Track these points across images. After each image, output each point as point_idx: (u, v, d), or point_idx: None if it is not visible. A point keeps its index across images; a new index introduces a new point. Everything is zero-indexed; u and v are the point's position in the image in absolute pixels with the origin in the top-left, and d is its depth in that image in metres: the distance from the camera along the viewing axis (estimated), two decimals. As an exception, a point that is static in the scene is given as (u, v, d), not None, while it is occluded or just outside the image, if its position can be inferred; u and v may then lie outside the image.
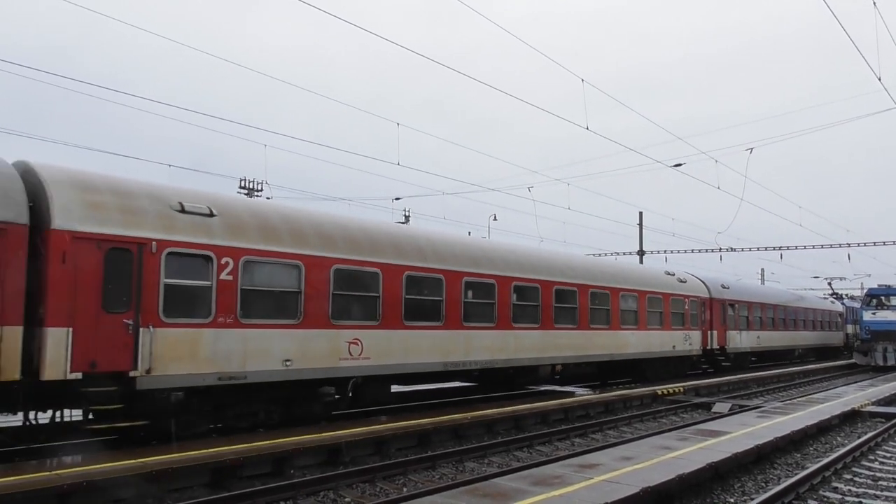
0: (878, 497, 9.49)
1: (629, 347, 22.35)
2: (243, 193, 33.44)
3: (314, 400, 13.32)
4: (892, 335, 35.02)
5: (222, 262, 11.60)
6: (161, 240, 10.87)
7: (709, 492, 9.48)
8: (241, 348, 11.71)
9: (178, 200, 11.45)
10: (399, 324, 14.55)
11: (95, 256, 10.16)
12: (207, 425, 11.76)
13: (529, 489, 7.92)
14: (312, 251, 13.05)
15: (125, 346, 10.31)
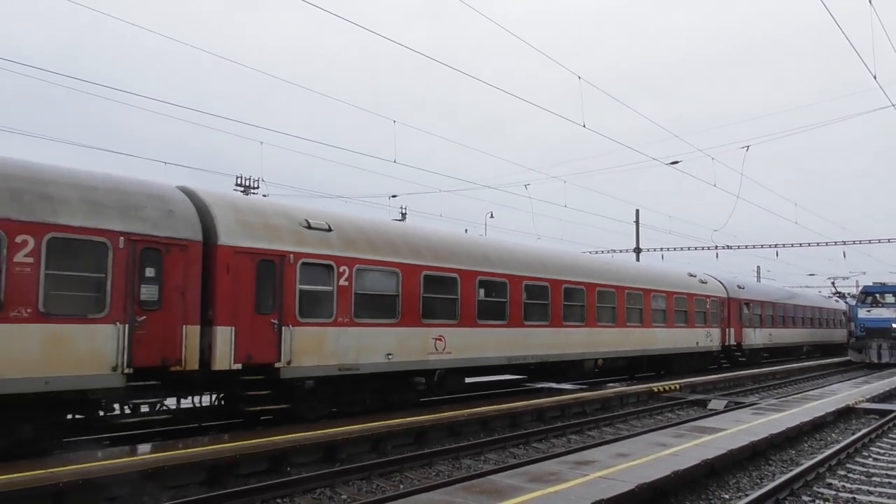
0: (872, 493, 9.54)
1: (658, 343, 24.42)
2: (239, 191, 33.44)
3: (408, 389, 15.52)
4: (886, 332, 35.15)
5: (340, 271, 13.73)
6: (296, 252, 13.01)
7: (704, 488, 9.52)
8: (355, 344, 13.83)
9: (305, 218, 13.65)
10: (473, 322, 16.63)
11: (250, 267, 12.26)
12: (328, 410, 13.82)
13: (525, 486, 7.95)
14: (406, 260, 15.12)
15: (271, 342, 12.44)
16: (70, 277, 10.12)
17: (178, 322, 11.19)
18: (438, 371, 15.86)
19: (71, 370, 9.96)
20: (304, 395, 13.21)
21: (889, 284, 39.15)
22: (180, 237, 11.37)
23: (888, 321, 35.43)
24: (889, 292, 37.21)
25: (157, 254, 11.08)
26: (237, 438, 11.06)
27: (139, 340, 10.68)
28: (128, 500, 8.82)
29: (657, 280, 25.17)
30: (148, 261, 10.97)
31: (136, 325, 10.71)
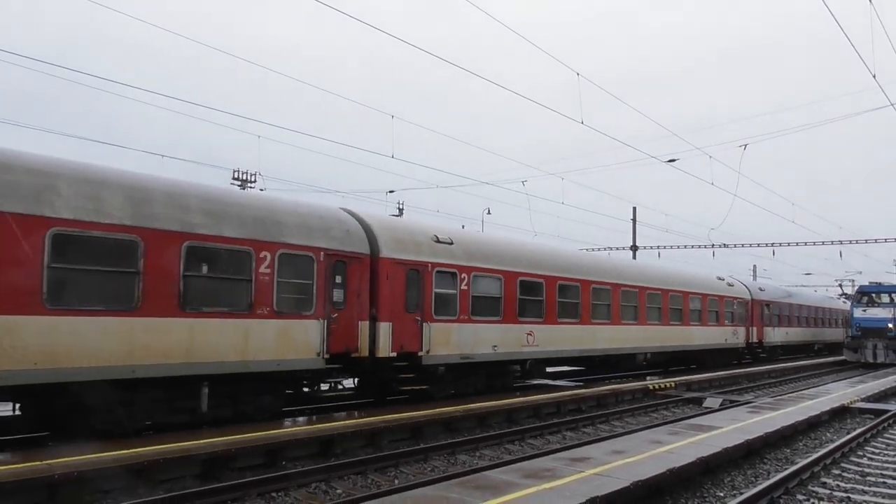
0: (866, 492, 9.56)
1: (694, 340, 27.70)
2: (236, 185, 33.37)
3: (507, 374, 18.64)
4: (882, 332, 35.21)
5: (461, 277, 16.62)
6: (432, 262, 15.92)
7: (699, 486, 9.53)
8: (472, 337, 16.74)
9: (434, 234, 16.48)
10: (555, 320, 19.49)
11: (402, 275, 15.14)
12: (451, 391, 16.68)
13: (520, 482, 7.95)
14: (507, 267, 18.03)
15: (416, 335, 15.36)
16: (291, 284, 12.98)
17: (356, 318, 14.21)
18: (529, 360, 19.04)
19: (293, 355, 12.90)
20: (437, 378, 16.20)
21: (885, 284, 39.26)
22: (357, 251, 14.32)
23: (884, 321, 35.49)
24: (885, 292, 37.29)
25: (343, 265, 14.01)
26: (232, 432, 11.05)
27: (332, 332, 13.58)
28: (122, 493, 8.81)
29: (693, 283, 28.42)
30: (337, 270, 13.88)
31: (331, 321, 13.57)
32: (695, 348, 28.01)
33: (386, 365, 14.88)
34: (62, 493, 8.26)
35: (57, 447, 9.78)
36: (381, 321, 14.59)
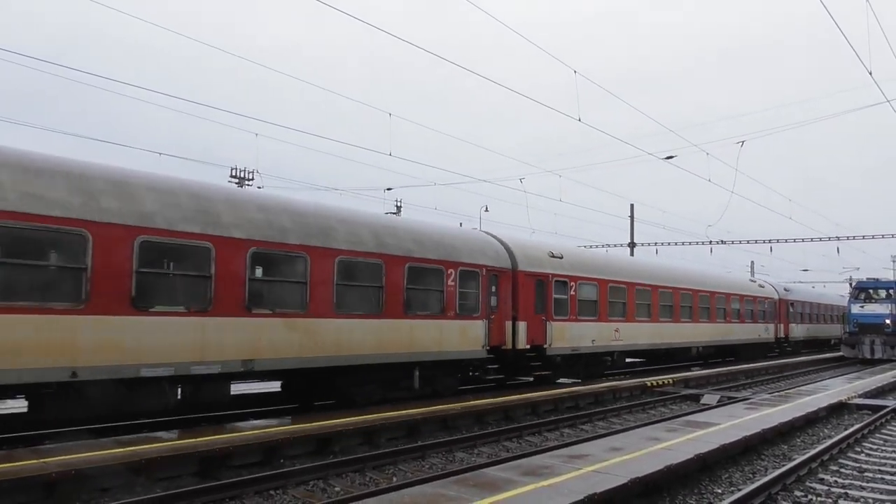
0: (864, 489, 9.56)
1: (734, 335, 32.18)
2: (234, 183, 33.31)
3: (601, 364, 22.72)
4: (879, 328, 35.26)
5: (571, 285, 20.69)
6: (552, 273, 19.97)
7: (697, 482, 9.53)
8: (578, 333, 20.82)
9: (549, 251, 20.56)
10: (633, 319, 23.79)
11: (532, 284, 19.16)
12: (564, 376, 20.89)
13: (518, 479, 7.94)
14: (602, 276, 22.39)
15: (542, 331, 19.36)
16: (466, 293, 16.93)
17: (504, 319, 18.17)
18: (616, 352, 23.33)
19: (468, 347, 16.90)
20: (556, 366, 20.21)
21: (882, 280, 39.35)
22: (504, 267, 18.32)
23: (881, 317, 35.55)
24: (882, 288, 37.37)
25: (496, 277, 18.00)
26: (230, 430, 11.04)
27: (490, 330, 17.47)
28: (120, 491, 8.80)
29: (733, 286, 33.06)
30: (492, 282, 17.83)
31: (490, 321, 17.48)
32: (735, 343, 32.59)
33: (522, 355, 18.83)
34: (59, 491, 8.24)
35: (54, 445, 9.79)
36: (520, 321, 18.60)
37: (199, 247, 11.48)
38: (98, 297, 10.08)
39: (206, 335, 11.43)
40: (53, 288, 9.90)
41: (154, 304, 10.92)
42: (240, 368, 11.92)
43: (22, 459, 8.56)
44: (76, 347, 9.89)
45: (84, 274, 9.97)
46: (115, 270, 10.31)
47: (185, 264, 11.50)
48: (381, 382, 15.16)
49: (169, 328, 11.00)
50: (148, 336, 10.68)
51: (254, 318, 12.15)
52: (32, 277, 9.76)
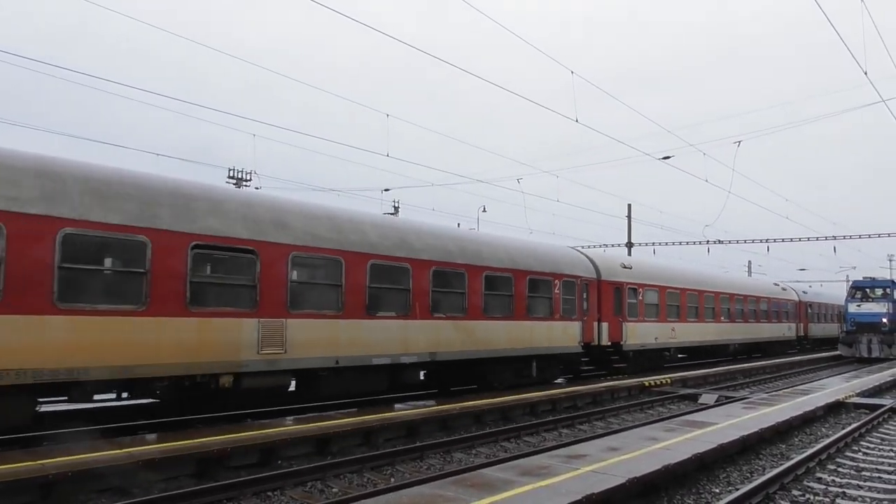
0: (862, 488, 9.57)
1: (763, 333, 36.49)
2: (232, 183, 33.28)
3: (661, 358, 26.99)
4: (876, 327, 35.32)
5: (639, 291, 24.73)
6: (625, 282, 23.89)
7: (695, 482, 9.54)
8: (645, 332, 24.91)
9: (621, 263, 24.71)
10: (685, 319, 27.92)
11: (611, 291, 23.01)
12: (636, 369, 24.19)
13: (516, 479, 7.94)
14: (662, 283, 26.46)
15: (619, 330, 23.19)
16: (566, 299, 20.59)
17: (592, 320, 21.88)
18: (672, 348, 27.80)
19: (569, 343, 20.71)
20: (630, 360, 24.00)
21: (879, 279, 39.38)
22: (592, 277, 22.14)
23: (878, 315, 35.60)
24: (879, 287, 37.41)
25: (587, 286, 21.67)
26: (227, 431, 11.03)
27: (583, 329, 21.22)
28: (117, 492, 8.79)
29: (762, 290, 37.62)
30: (584, 289, 21.54)
31: (584, 322, 21.22)
32: (764, 340, 36.81)
33: (604, 350, 22.73)
34: (57, 492, 8.23)
35: (52, 447, 9.78)
36: (603, 322, 22.43)
37: (402, 267, 15.43)
38: (348, 306, 14.04)
39: (408, 334, 15.35)
40: (326, 299, 13.77)
41: (378, 311, 14.70)
42: (427, 359, 15.88)
43: (19, 461, 8.54)
44: (338, 343, 13.86)
45: (341, 290, 13.93)
46: (357, 287, 14.22)
47: (395, 280, 15.27)
48: (510, 371, 18.85)
49: (387, 328, 14.93)
50: (376, 334, 14.58)
51: (435, 320, 16.03)
52: (321, 294, 13.75)
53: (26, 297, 9.57)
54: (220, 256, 12.18)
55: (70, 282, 10.06)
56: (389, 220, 17.03)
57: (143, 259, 10.87)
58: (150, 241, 10.94)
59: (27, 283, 9.61)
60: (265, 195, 15.03)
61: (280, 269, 12.83)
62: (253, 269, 12.42)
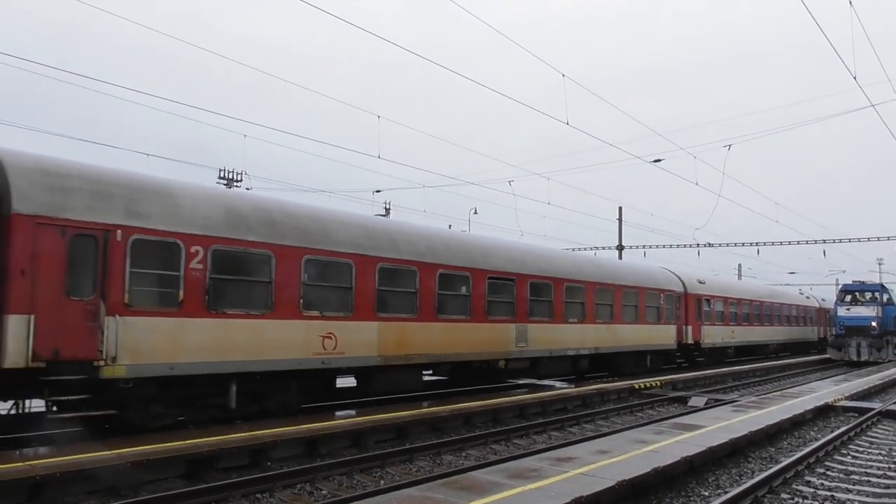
0: (851, 491, 9.61)
1: (795, 335, 43.14)
2: (222, 184, 33.17)
3: (725, 355, 33.27)
4: (865, 330, 35.52)
5: (712, 301, 30.93)
6: (702, 294, 30.19)
7: (684, 485, 9.56)
8: (715, 333, 31.16)
9: (698, 279, 30.74)
10: (740, 323, 34.42)
11: (694, 301, 29.33)
12: (711, 363, 30.18)
13: (506, 482, 7.94)
14: (725, 294, 32.98)
15: (699, 332, 29.55)
16: (667, 308, 26.54)
17: (682, 324, 27.82)
18: (732, 347, 33.80)
19: (669, 342, 26.90)
20: (707, 355, 30.34)
21: (868, 283, 39.60)
22: (681, 291, 28.20)
23: (867, 319, 35.80)
24: (868, 290, 37.62)
25: (678, 298, 27.80)
26: (217, 433, 10.99)
27: (677, 331, 27.35)
28: (106, 493, 8.74)
29: (793, 298, 45.12)
30: (677, 301, 27.73)
31: (677, 326, 27.23)
32: (795, 341, 43.09)
33: (689, 348, 28.81)
34: (45, 493, 8.19)
35: (40, 448, 9.72)
36: (688, 325, 28.55)
37: (580, 288, 21.72)
38: (556, 315, 20.47)
39: (584, 334, 21.70)
40: (545, 312, 20.02)
41: (568, 318, 21.02)
42: (594, 352, 22.10)
43: (8, 461, 8.50)
44: (550, 340, 20.25)
45: (551, 305, 20.33)
46: (560, 303, 20.72)
47: (576, 296, 21.48)
48: (632, 362, 24.79)
49: (573, 330, 21.18)
50: (568, 334, 20.93)
51: (597, 324, 22.31)
52: (544, 307, 20.06)
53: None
54: (502, 284, 18.53)
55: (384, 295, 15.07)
56: (503, 243, 21.03)
57: (467, 285, 17.49)
58: (470, 275, 17.47)
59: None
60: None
61: (522, 290, 19.25)
62: (512, 290, 18.81)
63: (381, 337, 14.67)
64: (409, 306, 15.52)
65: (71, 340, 10.00)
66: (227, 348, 11.94)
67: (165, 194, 11.76)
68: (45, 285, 9.85)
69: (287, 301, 12.84)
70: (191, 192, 12.38)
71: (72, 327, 10.05)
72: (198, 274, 11.64)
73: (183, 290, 11.45)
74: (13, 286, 9.57)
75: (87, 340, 10.17)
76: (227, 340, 11.94)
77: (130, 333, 10.66)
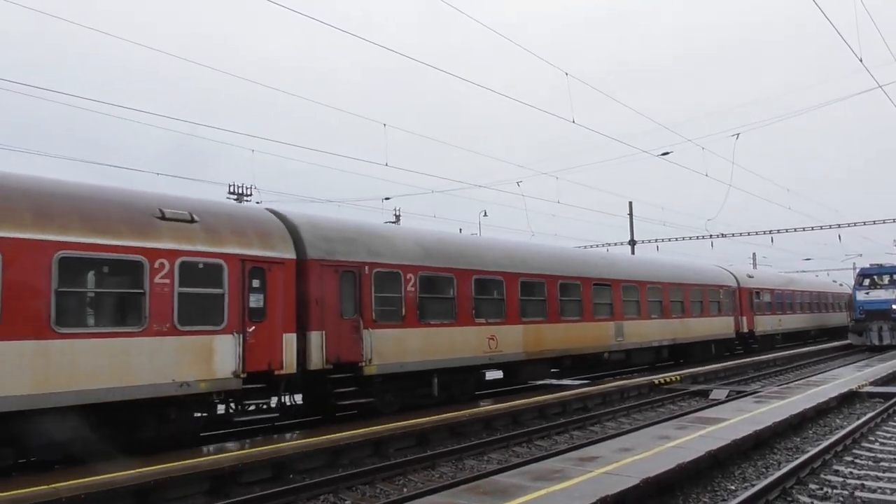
0: (881, 478, 9.46)
1: (832, 321, 45.98)
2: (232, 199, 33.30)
3: (774, 341, 36.05)
4: (886, 314, 35.08)
5: (761, 293, 34.41)
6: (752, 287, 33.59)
7: (709, 480, 9.46)
8: (766, 321, 34.68)
9: (747, 273, 35.26)
10: (785, 312, 37.55)
11: (747, 294, 32.74)
12: (762, 349, 33.73)
13: (529, 485, 7.88)
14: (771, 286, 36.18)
15: (752, 322, 32.97)
16: (726, 302, 29.93)
17: (738, 315, 31.36)
18: (780, 333, 36.93)
19: (728, 332, 30.65)
20: (759, 342, 33.55)
21: (886, 265, 39.11)
22: (735, 286, 31.57)
23: (888, 302, 35.37)
24: (886, 273, 37.17)
25: (734, 292, 31.30)
26: (239, 448, 10.99)
27: (735, 322, 31.03)
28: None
29: (828, 286, 49.69)
30: (733, 295, 31.22)
31: (735, 317, 31.21)
32: (831, 326, 45.75)
33: (745, 337, 32.67)
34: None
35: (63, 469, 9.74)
36: (743, 316, 32.17)
37: (658, 289, 25.46)
38: (642, 313, 23.96)
39: (664, 327, 25.34)
40: (634, 310, 23.56)
41: (651, 315, 24.62)
42: (673, 342, 25.88)
43: (33, 485, 8.51)
44: (639, 334, 23.72)
45: (639, 304, 23.91)
46: (645, 302, 24.37)
47: (656, 296, 25.00)
48: (700, 351, 28.32)
49: (654, 325, 24.62)
50: (651, 328, 24.43)
51: (672, 319, 25.88)
52: (634, 307, 23.62)
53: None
54: (602, 289, 22.16)
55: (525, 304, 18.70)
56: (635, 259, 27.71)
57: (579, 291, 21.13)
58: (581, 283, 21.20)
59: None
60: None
61: (618, 293, 22.89)
62: (610, 294, 22.44)
63: (525, 337, 18.35)
64: (541, 311, 19.12)
65: (345, 349, 13.76)
66: (431, 350, 15.67)
67: (387, 237, 15.90)
68: (329, 309, 13.51)
69: (465, 312, 16.60)
70: (400, 234, 16.97)
71: (345, 339, 13.76)
72: (412, 294, 15.37)
73: (404, 307, 15.18)
74: (312, 311, 13.19)
75: (354, 348, 13.94)
76: (431, 344, 15.68)
77: (377, 342, 14.34)
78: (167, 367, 10.79)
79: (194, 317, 11.30)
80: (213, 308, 11.62)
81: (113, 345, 10.24)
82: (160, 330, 10.77)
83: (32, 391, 9.39)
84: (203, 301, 11.53)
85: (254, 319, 12.20)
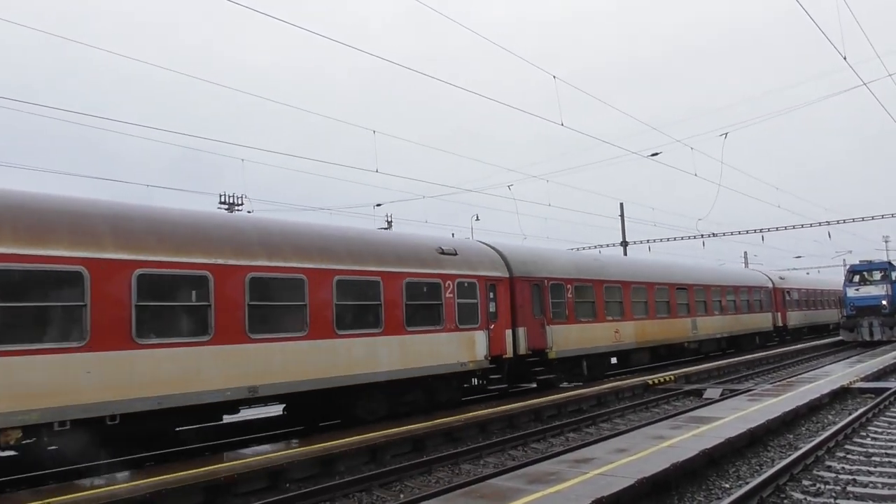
0: (872, 473, 9.54)
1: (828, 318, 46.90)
2: (223, 209, 33.23)
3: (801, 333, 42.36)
4: (876, 310, 35.26)
5: (791, 292, 40.35)
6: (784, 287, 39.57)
7: (704, 478, 9.51)
8: (794, 317, 40.17)
9: (779, 275, 40.75)
10: (810, 308, 43.01)
11: (781, 293, 38.51)
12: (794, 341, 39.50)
13: (525, 488, 7.90)
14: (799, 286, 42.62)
15: (785, 317, 38.57)
16: (758, 300, 35.58)
17: (773, 311, 37.21)
18: (807, 326, 41.31)
19: (766, 326, 36.54)
20: (792, 334, 39.45)
21: (876, 262, 39.32)
22: (770, 286, 37.48)
23: (878, 298, 35.56)
24: (876, 269, 37.37)
25: (769, 292, 37.14)
26: (234, 458, 10.97)
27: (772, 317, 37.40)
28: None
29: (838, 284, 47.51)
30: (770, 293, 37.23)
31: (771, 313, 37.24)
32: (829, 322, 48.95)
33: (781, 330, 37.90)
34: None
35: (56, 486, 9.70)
36: (777, 312, 37.59)
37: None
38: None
39: (723, 322, 30.48)
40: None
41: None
42: (725, 336, 30.64)
43: (24, 502, 8.48)
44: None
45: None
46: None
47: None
48: (748, 342, 33.46)
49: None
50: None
51: (727, 316, 31.25)
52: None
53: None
54: (681, 290, 27.36)
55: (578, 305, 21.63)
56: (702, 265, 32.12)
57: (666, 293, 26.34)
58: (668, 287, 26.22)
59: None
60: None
61: (692, 294, 28.30)
62: (687, 295, 27.75)
63: (636, 331, 23.83)
64: (643, 310, 24.58)
65: (537, 339, 19.11)
66: (583, 340, 21.12)
67: (554, 258, 21.41)
68: (526, 312, 18.84)
69: (600, 312, 22.05)
70: (560, 255, 22.79)
71: (537, 332, 19.10)
72: (571, 300, 20.77)
73: (567, 308, 20.62)
74: (518, 313, 18.51)
75: (542, 339, 19.27)
76: (581, 337, 21.04)
77: (555, 334, 19.74)
78: (454, 353, 16.23)
79: (464, 318, 16.67)
80: (472, 312, 16.99)
81: (429, 338, 15.67)
82: (451, 328, 16.21)
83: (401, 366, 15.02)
84: (468, 308, 16.87)
85: (492, 320, 17.57)
